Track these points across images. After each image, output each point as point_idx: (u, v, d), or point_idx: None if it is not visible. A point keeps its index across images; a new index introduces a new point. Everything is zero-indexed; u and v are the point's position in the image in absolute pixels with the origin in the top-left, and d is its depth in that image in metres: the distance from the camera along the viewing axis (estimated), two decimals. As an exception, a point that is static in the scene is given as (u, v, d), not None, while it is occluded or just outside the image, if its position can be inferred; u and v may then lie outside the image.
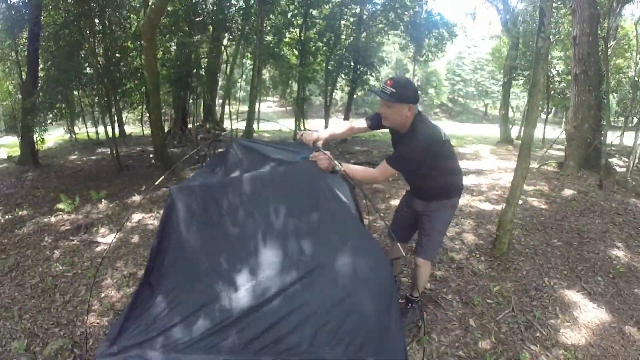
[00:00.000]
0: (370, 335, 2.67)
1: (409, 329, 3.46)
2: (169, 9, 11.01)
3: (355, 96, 18.79)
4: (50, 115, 11.88)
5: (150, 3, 8.07)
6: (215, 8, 13.39)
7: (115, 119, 13.52)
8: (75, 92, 15.13)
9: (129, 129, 22.75)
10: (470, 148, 16.57)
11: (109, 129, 12.32)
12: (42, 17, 11.85)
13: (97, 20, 11.87)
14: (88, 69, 12.63)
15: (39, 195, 8.83)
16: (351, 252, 2.81)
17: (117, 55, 13.57)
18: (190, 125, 18.57)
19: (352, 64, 16.94)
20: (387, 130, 3.27)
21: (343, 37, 17.38)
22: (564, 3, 14.80)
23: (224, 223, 3.07)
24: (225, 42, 16.85)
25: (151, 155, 12.34)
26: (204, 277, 2.98)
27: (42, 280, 4.70)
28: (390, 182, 8.64)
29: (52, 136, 13.66)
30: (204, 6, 13.07)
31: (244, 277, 2.88)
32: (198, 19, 13.37)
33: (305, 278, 2.79)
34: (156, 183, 4.32)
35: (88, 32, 11.90)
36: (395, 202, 6.77)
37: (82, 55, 12.75)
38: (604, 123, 9.12)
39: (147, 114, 18.87)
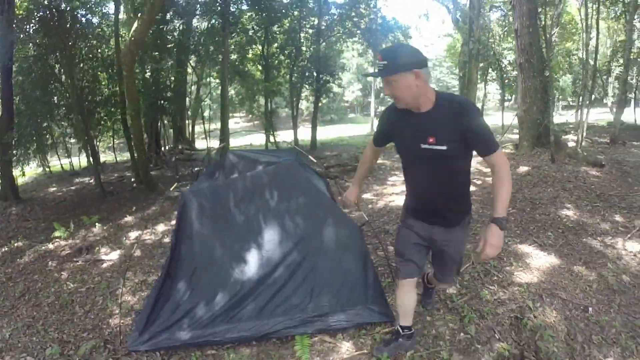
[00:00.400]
0: (355, 287, 3.55)
1: (390, 286, 4.11)
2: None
3: (320, 104, 19.39)
4: (32, 149, 12.10)
5: (130, 36, 8.53)
6: (181, 34, 13.83)
7: (90, 148, 13.79)
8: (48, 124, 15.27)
9: (101, 158, 22.88)
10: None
11: (83, 158, 12.51)
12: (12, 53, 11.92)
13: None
14: (61, 100, 12.87)
15: (31, 227, 9.09)
16: (332, 225, 3.76)
17: (90, 84, 13.92)
18: (164, 148, 18.98)
19: (315, 74, 17.49)
20: (353, 133, 3.61)
21: (304, 48, 17.99)
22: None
23: (231, 214, 3.88)
24: (191, 63, 17.26)
25: (132, 180, 12.67)
26: (218, 259, 3.71)
27: (57, 298, 5.09)
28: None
29: (26, 170, 13.77)
30: (172, 32, 13.48)
31: (251, 253, 3.68)
32: (169, 45, 13.78)
33: (299, 245, 3.65)
34: (171, 188, 4.99)
35: (59, 65, 12.20)
36: (367, 196, 7.43)
37: (56, 86, 13.07)
38: (550, 105, 9.92)
39: (121, 141, 19.29)
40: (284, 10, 16.12)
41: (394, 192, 7.94)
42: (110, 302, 4.73)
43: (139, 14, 8.42)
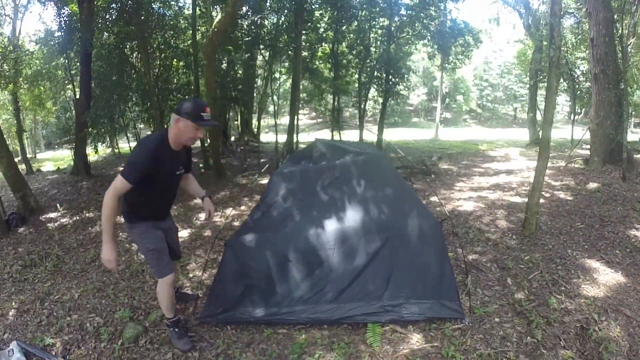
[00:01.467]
0: (430, 281, 3.57)
1: (459, 286, 4.12)
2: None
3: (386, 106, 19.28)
4: (105, 130, 12.92)
5: (213, 27, 8.86)
6: (254, 28, 14.16)
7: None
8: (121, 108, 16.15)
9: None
10: (500, 151, 17.01)
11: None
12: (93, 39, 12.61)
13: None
14: (136, 86, 13.61)
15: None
16: (416, 217, 3.78)
17: (164, 73, 14.62)
18: (232, 138, 19.61)
19: (384, 75, 17.28)
20: (418, 137, 3.65)
21: (373, 49, 17.83)
22: (583, 4, 15.06)
23: (317, 196, 4.04)
24: (263, 57, 17.59)
25: (201, 165, 13.21)
26: (300, 239, 3.80)
27: (127, 267, 5.44)
28: (427, 182, 9.30)
29: (93, 149, 14.63)
30: (249, 25, 13.80)
31: (333, 233, 3.74)
32: (247, 39, 14.23)
33: (381, 233, 3.69)
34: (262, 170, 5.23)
35: (136, 53, 12.89)
36: (435, 199, 7.44)
37: (131, 73, 13.82)
38: (625, 119, 9.42)
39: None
40: (353, 10, 16.05)
41: (461, 197, 7.91)
42: (182, 275, 5.00)
43: (223, 6, 8.69)
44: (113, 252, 3.07)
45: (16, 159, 10.39)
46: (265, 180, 9.30)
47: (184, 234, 6.62)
